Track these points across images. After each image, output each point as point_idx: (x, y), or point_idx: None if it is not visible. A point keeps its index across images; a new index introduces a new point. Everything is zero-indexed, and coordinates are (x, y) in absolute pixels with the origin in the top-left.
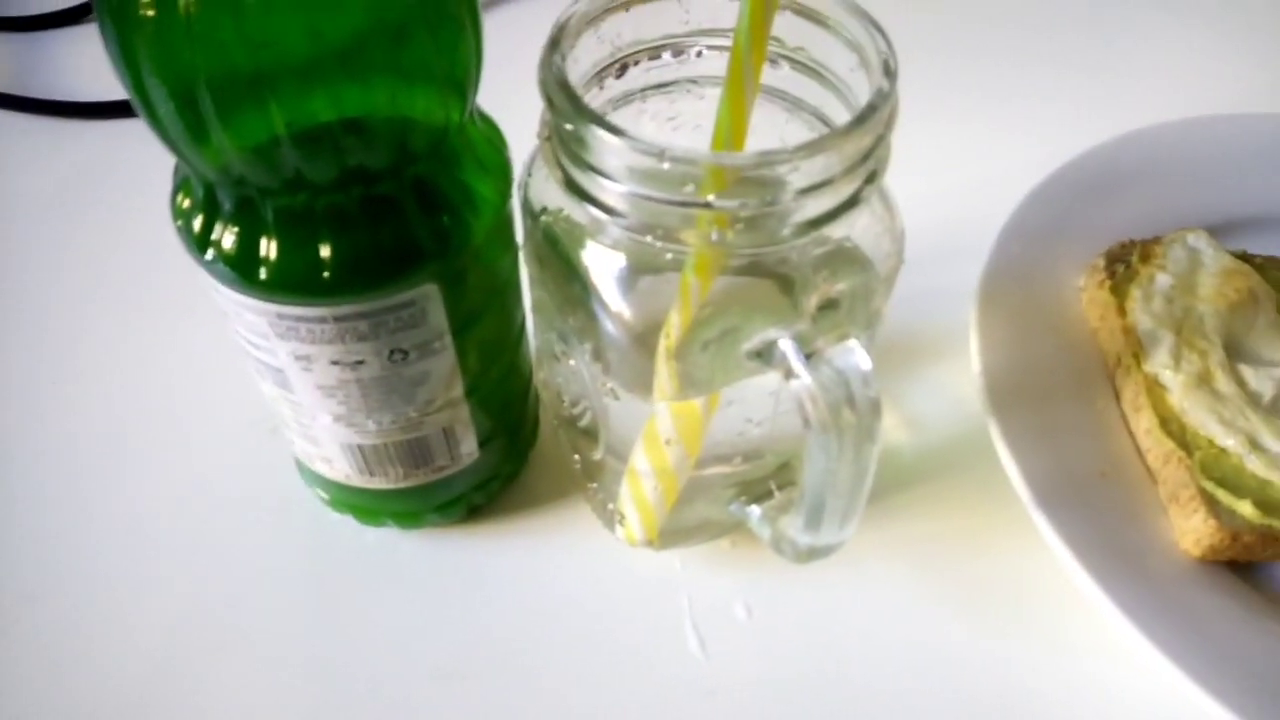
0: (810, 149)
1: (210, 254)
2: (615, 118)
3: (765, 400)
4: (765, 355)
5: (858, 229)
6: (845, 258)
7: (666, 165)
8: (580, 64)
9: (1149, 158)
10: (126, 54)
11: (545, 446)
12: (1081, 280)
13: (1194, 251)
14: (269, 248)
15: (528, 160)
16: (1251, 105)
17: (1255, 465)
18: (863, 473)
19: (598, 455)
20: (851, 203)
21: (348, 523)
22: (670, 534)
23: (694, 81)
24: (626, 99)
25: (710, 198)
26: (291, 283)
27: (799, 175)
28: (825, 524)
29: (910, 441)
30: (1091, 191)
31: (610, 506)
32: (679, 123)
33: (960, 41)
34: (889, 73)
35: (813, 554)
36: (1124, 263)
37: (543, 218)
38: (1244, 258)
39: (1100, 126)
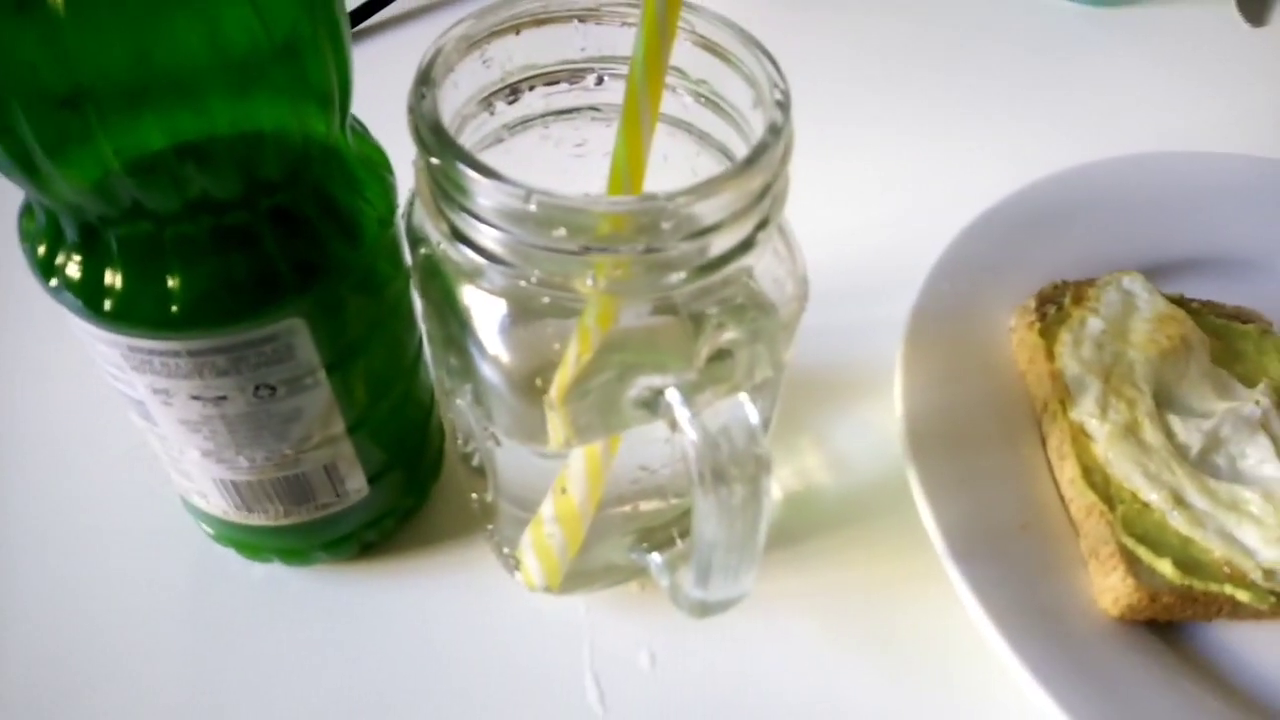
0: (694, 193)
1: (55, 281)
2: (513, 143)
3: (661, 446)
4: (651, 405)
5: (757, 270)
6: (743, 302)
7: (534, 208)
8: (462, 88)
9: (1086, 195)
10: None
11: (450, 479)
12: (1012, 321)
13: (1128, 295)
14: (115, 278)
15: (413, 186)
16: (1193, 143)
17: (1178, 522)
18: (752, 530)
19: (489, 497)
20: (745, 246)
21: (233, 557)
22: (572, 578)
23: (597, 109)
24: (525, 124)
25: (587, 243)
26: (139, 316)
27: (684, 219)
28: (715, 580)
29: (833, 484)
30: (1026, 229)
31: (506, 550)
32: (586, 149)
33: (896, 75)
34: (782, 107)
35: (706, 609)
36: (1056, 304)
37: (422, 249)
38: (1180, 302)
39: (1037, 163)
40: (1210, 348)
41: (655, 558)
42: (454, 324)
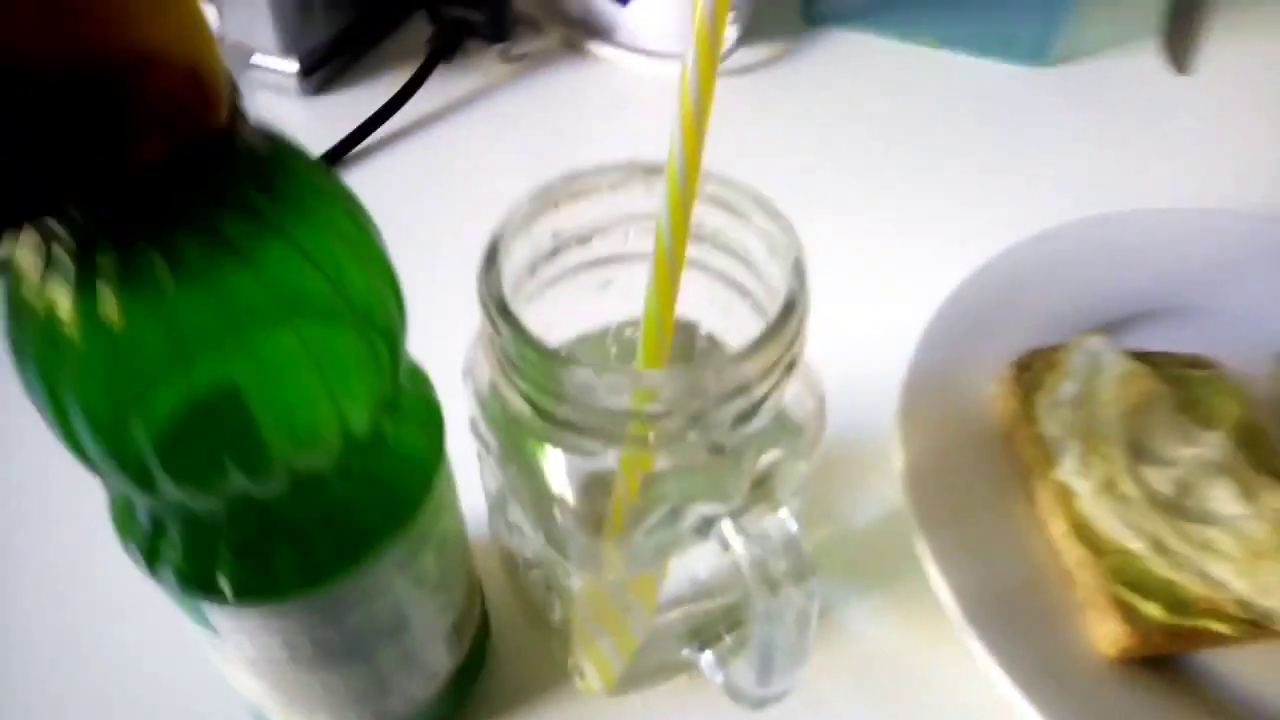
0: (736, 360)
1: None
2: (549, 294)
3: (709, 558)
4: (703, 531)
5: (785, 399)
6: (775, 430)
7: (603, 386)
8: (514, 261)
9: (1046, 261)
10: (45, 387)
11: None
12: (994, 389)
13: (1094, 356)
14: (175, 554)
15: (473, 340)
16: (1139, 194)
17: (1160, 566)
18: (804, 629)
19: (556, 615)
20: (778, 387)
21: None
22: (627, 680)
23: (622, 258)
24: (558, 279)
25: (642, 408)
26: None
27: (728, 380)
28: (776, 676)
29: (843, 557)
30: (996, 300)
31: (568, 656)
32: (610, 286)
33: (852, 156)
34: (799, 273)
35: (765, 702)
36: (1031, 371)
37: (489, 399)
38: (1141, 357)
39: (1000, 229)
40: (1171, 397)
41: (707, 656)
42: (521, 472)
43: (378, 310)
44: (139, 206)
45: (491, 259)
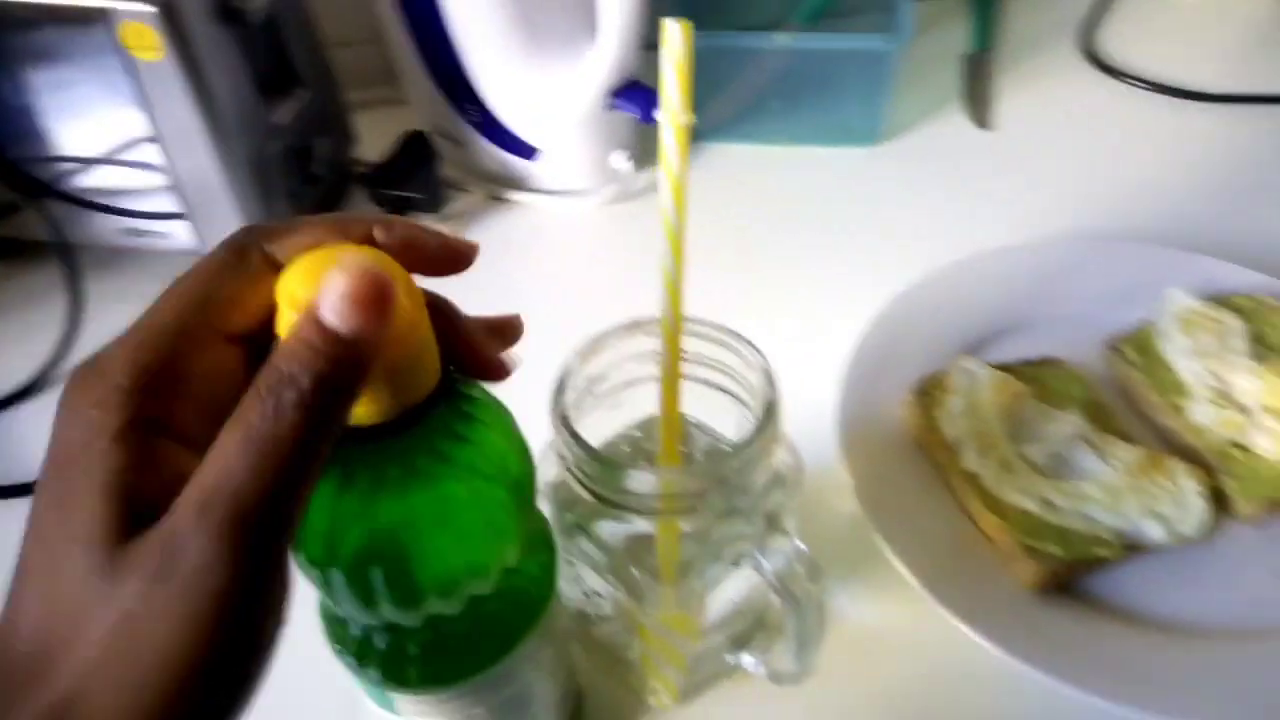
0: (741, 453)
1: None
2: (585, 419)
3: (742, 584)
4: (738, 562)
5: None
6: (773, 482)
7: (653, 487)
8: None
9: (923, 303)
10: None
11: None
12: (902, 413)
13: (970, 373)
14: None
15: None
16: (977, 239)
17: (1052, 517)
18: (823, 617)
19: (633, 654)
20: (768, 463)
21: None
22: (687, 691)
23: (631, 383)
24: (593, 406)
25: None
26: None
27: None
28: (807, 655)
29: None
30: (891, 342)
31: (642, 683)
32: (622, 406)
33: (734, 249)
34: (771, 382)
35: (801, 677)
36: (928, 393)
37: (555, 493)
38: (1004, 367)
39: (878, 287)
40: (1032, 391)
41: (747, 657)
42: (594, 547)
43: (524, 477)
44: (388, 436)
45: (560, 390)
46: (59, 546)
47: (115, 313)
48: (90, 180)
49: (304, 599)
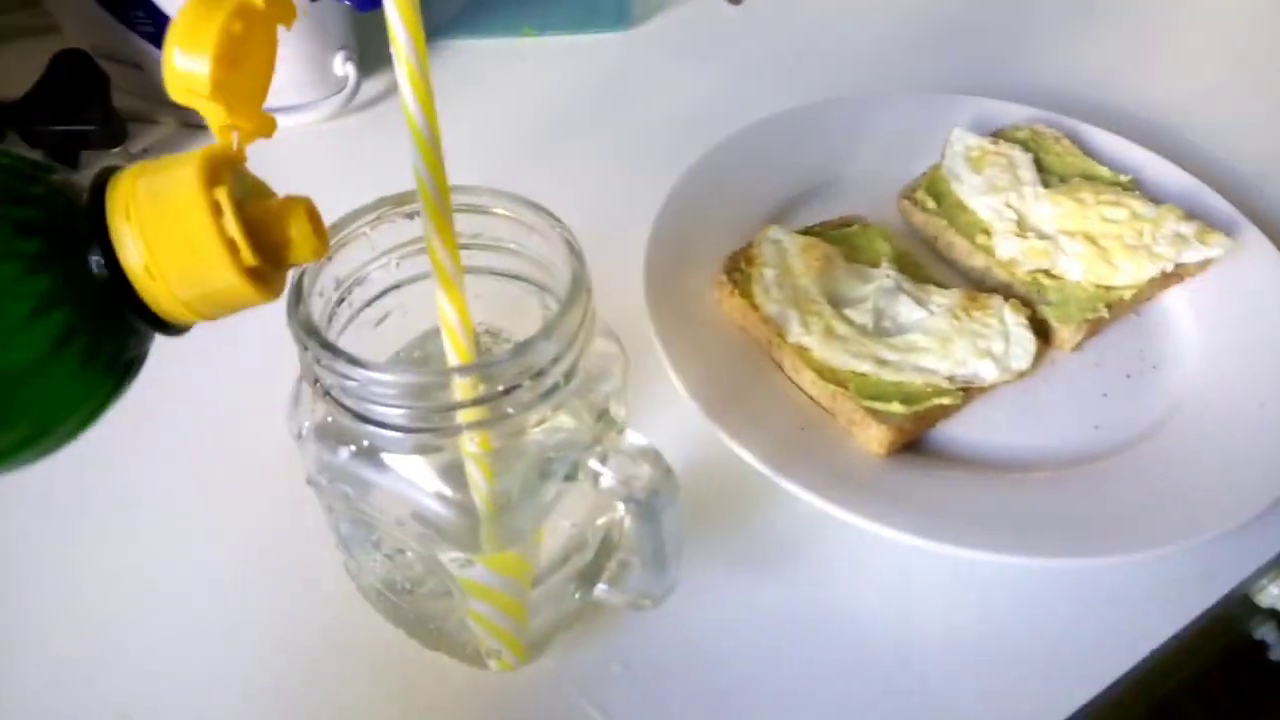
0: (554, 331)
1: None
2: (347, 336)
3: (579, 503)
4: (572, 475)
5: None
6: (600, 375)
7: (437, 380)
8: (315, 312)
9: (713, 178)
10: None
11: None
12: (715, 293)
13: (776, 242)
14: None
15: (289, 402)
16: (750, 111)
17: (887, 375)
18: (679, 521)
19: (458, 615)
20: (585, 350)
21: None
22: (534, 646)
23: (397, 286)
24: (351, 319)
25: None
26: None
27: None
28: (670, 569)
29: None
30: (687, 223)
31: (477, 649)
32: (387, 319)
33: (522, 145)
34: (575, 252)
35: (666, 594)
36: (738, 270)
37: (320, 447)
38: (808, 232)
39: (656, 173)
40: (841, 253)
41: (600, 588)
42: (388, 498)
43: None
44: None
45: (298, 298)
46: None
47: None
48: None
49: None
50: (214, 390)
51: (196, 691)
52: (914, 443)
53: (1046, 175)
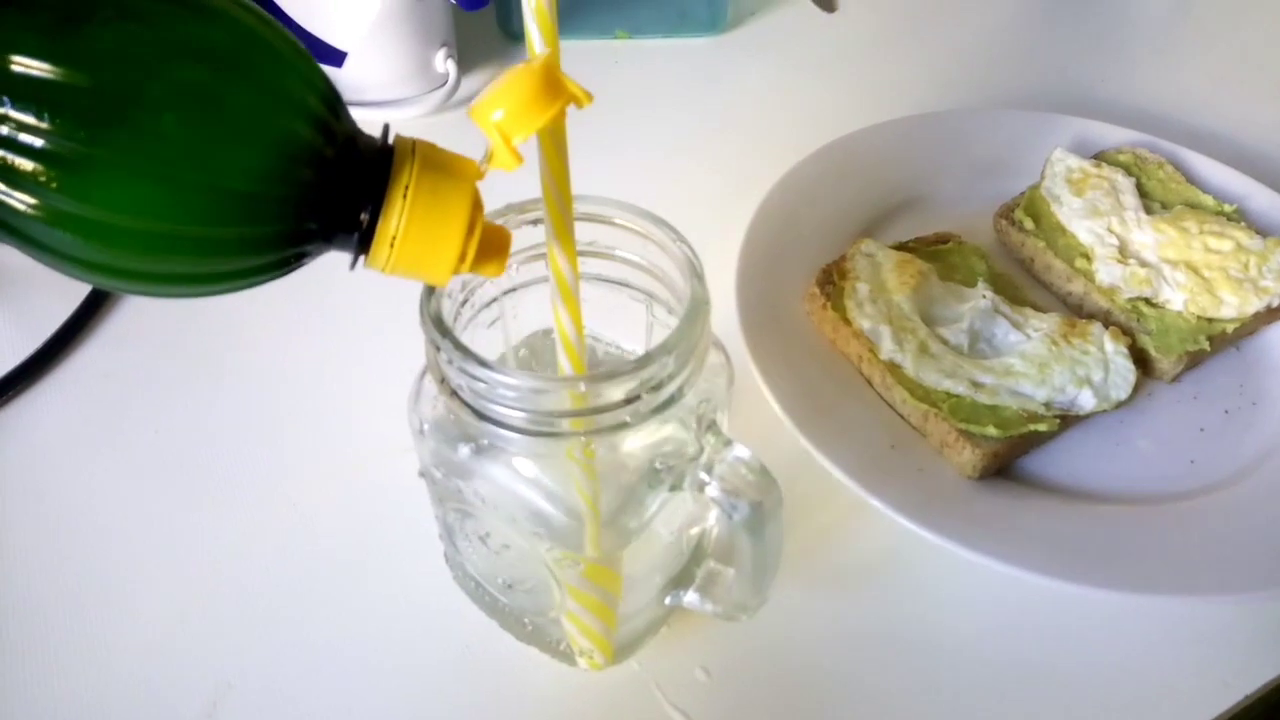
0: (675, 348)
1: None
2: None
3: (677, 511)
4: (678, 485)
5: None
6: (707, 388)
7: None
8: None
9: (805, 190)
10: None
11: None
12: (806, 306)
13: (870, 257)
14: None
15: (410, 398)
16: (843, 123)
17: (982, 398)
18: (780, 534)
19: (554, 614)
20: (695, 368)
21: None
22: (623, 649)
23: (513, 289)
24: (471, 320)
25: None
26: None
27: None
28: (767, 581)
29: None
30: (779, 233)
31: (568, 647)
32: (501, 320)
33: (617, 146)
34: (697, 274)
35: (759, 608)
36: (830, 283)
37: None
38: (903, 247)
39: (747, 178)
40: (935, 270)
41: (690, 595)
42: (499, 494)
43: None
44: None
45: (430, 293)
46: None
47: None
48: None
49: None
50: (330, 378)
51: (295, 665)
52: (1004, 467)
53: (1148, 201)
